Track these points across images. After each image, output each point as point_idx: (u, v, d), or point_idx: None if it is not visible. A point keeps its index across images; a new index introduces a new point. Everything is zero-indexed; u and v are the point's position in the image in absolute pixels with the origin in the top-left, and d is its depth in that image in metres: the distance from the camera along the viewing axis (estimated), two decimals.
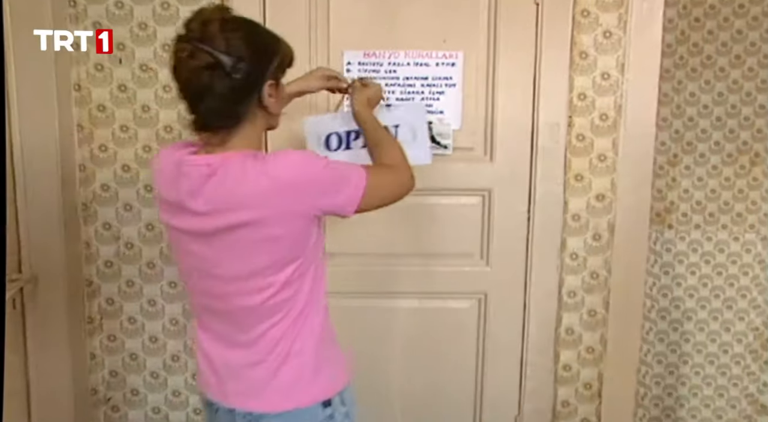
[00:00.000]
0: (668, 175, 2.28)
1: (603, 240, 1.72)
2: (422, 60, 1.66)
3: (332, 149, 1.37)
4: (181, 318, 1.78)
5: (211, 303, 1.02)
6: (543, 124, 1.66)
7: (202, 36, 0.88)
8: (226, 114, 0.92)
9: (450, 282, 1.76)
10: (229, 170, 0.91)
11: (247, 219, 0.91)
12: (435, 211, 1.72)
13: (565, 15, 1.62)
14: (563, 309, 1.75)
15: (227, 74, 0.88)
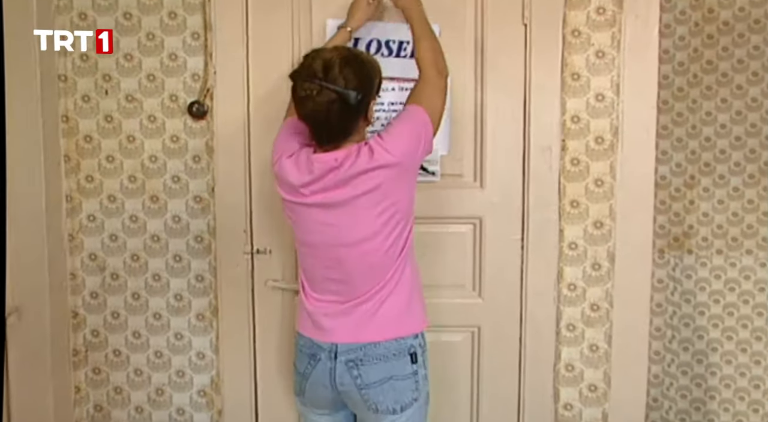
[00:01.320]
0: (685, 198, 2.17)
1: (603, 270, 1.62)
2: (407, 85, 1.61)
3: (371, 53, 1.49)
4: (165, 351, 1.74)
5: (334, 269, 1.26)
6: (535, 148, 1.59)
7: (326, 76, 1.14)
8: (344, 132, 1.20)
9: (441, 315, 1.66)
10: (350, 156, 1.19)
11: (368, 188, 1.18)
12: (424, 240, 1.63)
13: (554, 35, 1.56)
14: (562, 343, 1.65)
15: (347, 104, 1.15)
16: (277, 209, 1.63)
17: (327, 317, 1.28)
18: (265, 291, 1.67)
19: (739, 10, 1.97)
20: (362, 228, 1.22)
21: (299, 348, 1.34)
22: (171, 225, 1.70)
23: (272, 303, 1.68)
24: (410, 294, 1.29)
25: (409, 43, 1.54)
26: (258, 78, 1.63)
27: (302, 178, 1.23)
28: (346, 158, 1.18)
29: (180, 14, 1.63)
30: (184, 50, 1.64)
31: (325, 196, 1.21)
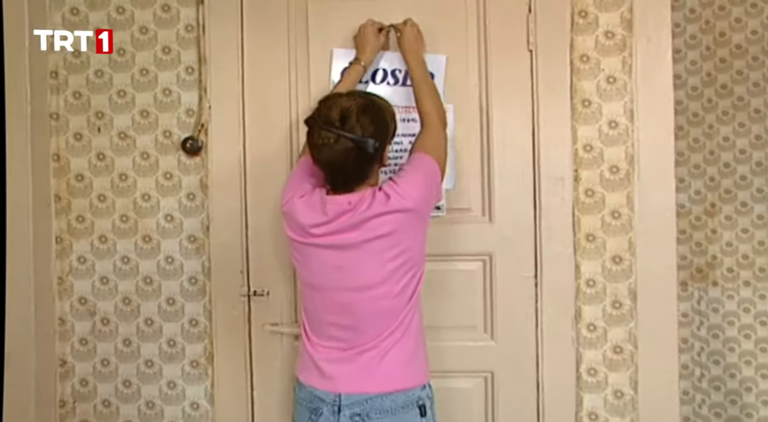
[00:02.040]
0: (707, 227, 2.09)
1: (624, 309, 1.50)
2: (410, 115, 1.54)
3: (377, 83, 1.52)
4: (158, 401, 1.64)
5: (340, 314, 1.20)
6: (546, 179, 1.50)
7: (343, 125, 1.12)
8: (360, 178, 1.19)
9: (451, 359, 1.56)
10: (365, 199, 1.16)
11: (382, 232, 1.15)
12: (431, 279, 1.53)
13: (561, 61, 1.49)
14: (583, 389, 1.52)
15: (364, 152, 1.14)
16: (274, 248, 1.55)
17: (330, 363, 1.20)
18: (263, 335, 1.57)
19: (751, 33, 1.92)
20: (372, 272, 1.17)
21: (299, 401, 1.24)
22: (164, 267, 1.62)
23: (271, 348, 1.58)
24: (416, 342, 1.22)
25: None
26: (254, 112, 1.57)
27: (314, 219, 1.19)
28: (360, 201, 1.16)
29: (174, 49, 1.59)
30: (179, 85, 1.59)
31: (337, 237, 1.18)
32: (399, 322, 1.18)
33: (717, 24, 1.96)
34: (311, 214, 1.20)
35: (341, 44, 1.53)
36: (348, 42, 1.53)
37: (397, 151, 1.55)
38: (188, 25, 1.59)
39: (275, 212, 1.54)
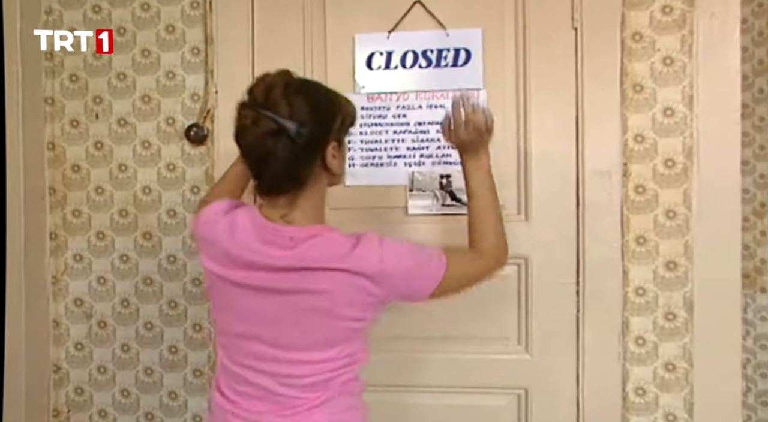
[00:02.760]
0: (755, 228, 1.94)
1: (679, 321, 1.33)
2: (438, 101, 1.39)
3: (407, 67, 1.38)
4: (158, 413, 1.50)
5: (256, 365, 0.93)
6: (591, 174, 1.33)
7: (266, 102, 0.88)
8: (290, 178, 0.91)
9: (480, 373, 1.40)
10: (315, 242, 0.89)
11: (317, 288, 0.88)
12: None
13: (611, 40, 1.32)
14: (630, 410, 1.35)
15: (291, 139, 0.87)
16: None
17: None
18: None
19: None
20: (308, 332, 0.91)
21: None
22: (166, 266, 1.48)
23: None
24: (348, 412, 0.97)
25: (449, 51, 1.37)
26: None
27: (239, 246, 0.92)
28: (311, 236, 0.89)
29: (178, 27, 1.45)
30: (183, 67, 1.45)
31: (268, 277, 0.90)
32: (332, 392, 0.94)
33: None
34: (236, 239, 0.92)
35: (364, 29, 1.39)
36: (372, 25, 1.38)
37: (423, 140, 1.40)
38: (194, 1, 1.45)
39: None
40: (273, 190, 0.92)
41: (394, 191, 1.40)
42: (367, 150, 1.42)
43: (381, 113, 1.41)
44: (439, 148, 1.40)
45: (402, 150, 1.41)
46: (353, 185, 1.41)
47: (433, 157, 1.40)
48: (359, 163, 1.42)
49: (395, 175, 1.40)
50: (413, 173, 1.40)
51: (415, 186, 1.40)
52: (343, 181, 1.04)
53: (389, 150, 1.41)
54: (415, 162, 1.41)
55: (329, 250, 0.88)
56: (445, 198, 1.39)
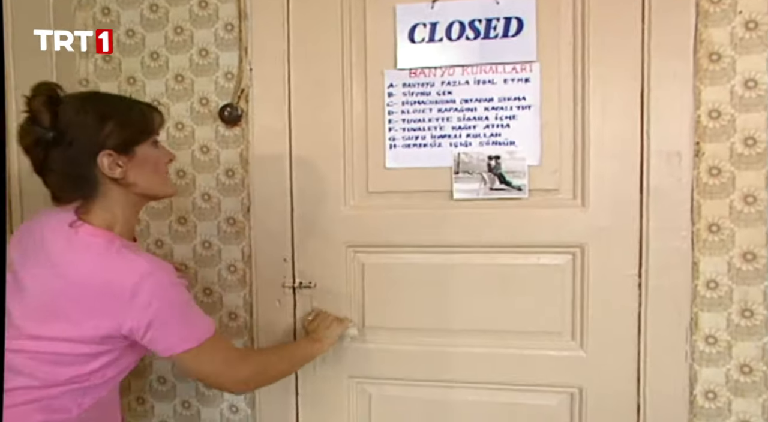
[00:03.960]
0: None
1: (757, 319, 1.19)
2: (485, 76, 1.28)
3: (453, 39, 1.29)
4: (194, 402, 1.48)
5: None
6: (656, 155, 1.20)
7: (27, 110, 0.91)
8: (70, 186, 0.94)
9: (529, 370, 1.31)
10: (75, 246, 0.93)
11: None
12: (506, 274, 1.30)
13: (684, 2, 1.17)
14: (698, 416, 1.23)
15: (55, 147, 0.90)
16: (323, 234, 1.34)
17: None
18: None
19: None
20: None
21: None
22: (201, 252, 1.44)
23: None
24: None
25: (499, 20, 1.26)
26: (301, 75, 1.35)
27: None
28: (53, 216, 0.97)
29: (211, 2, 1.39)
30: (216, 44, 1.39)
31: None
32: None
33: None
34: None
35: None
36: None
37: (470, 119, 1.30)
38: None
39: (325, 191, 1.34)
40: (59, 198, 0.96)
41: (438, 174, 1.30)
42: (409, 130, 1.33)
43: (424, 90, 1.31)
44: (487, 127, 1.29)
45: (447, 129, 1.31)
46: (394, 167, 1.33)
47: (480, 136, 1.30)
48: (401, 144, 1.33)
49: (440, 157, 1.31)
50: (459, 154, 1.30)
51: (461, 168, 1.30)
52: (169, 192, 1.05)
53: (433, 129, 1.31)
54: (461, 142, 1.31)
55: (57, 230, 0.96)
56: (493, 181, 1.29)
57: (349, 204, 1.34)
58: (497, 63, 1.27)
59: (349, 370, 1.39)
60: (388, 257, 1.34)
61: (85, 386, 0.94)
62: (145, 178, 0.97)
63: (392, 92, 1.32)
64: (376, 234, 1.33)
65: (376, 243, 1.34)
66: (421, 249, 1.33)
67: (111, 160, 0.92)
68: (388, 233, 1.33)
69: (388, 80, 1.32)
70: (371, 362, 1.37)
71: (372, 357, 1.36)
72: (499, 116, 1.28)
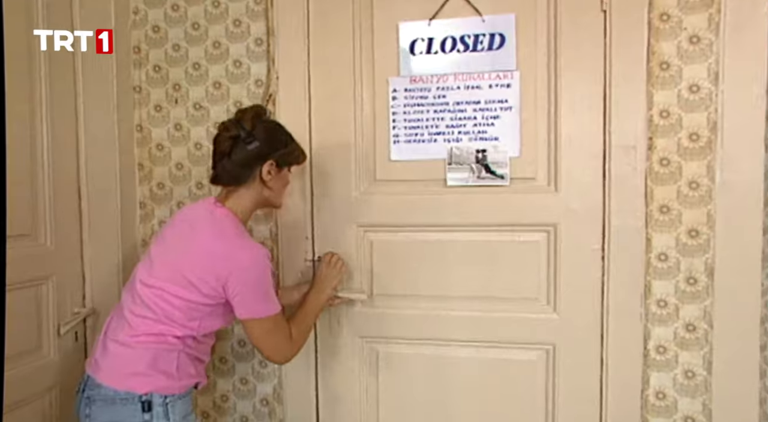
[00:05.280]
0: None
1: (700, 285, 1.42)
2: (473, 82, 1.52)
3: (447, 52, 1.53)
4: (230, 358, 1.75)
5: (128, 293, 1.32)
6: (616, 148, 1.43)
7: (237, 117, 1.30)
8: (235, 171, 1.28)
9: (511, 330, 1.55)
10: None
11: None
12: (492, 249, 1.54)
13: (638, 21, 1.40)
14: (651, 367, 1.46)
15: (243, 143, 1.26)
16: (338, 215, 1.59)
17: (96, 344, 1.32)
18: None
19: None
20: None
21: None
22: None
23: (335, 311, 1.63)
24: (154, 360, 1.23)
25: (485, 36, 1.49)
26: (319, 81, 1.60)
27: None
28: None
29: (244, 21, 1.64)
30: (248, 57, 1.65)
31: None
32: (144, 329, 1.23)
33: None
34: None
35: (408, 17, 1.53)
36: (415, 14, 1.52)
37: (461, 118, 1.53)
38: None
39: (340, 179, 1.58)
40: (217, 180, 1.30)
41: (434, 165, 1.54)
42: (410, 128, 1.56)
43: (422, 94, 1.55)
44: (475, 125, 1.53)
45: (441, 127, 1.55)
46: (399, 160, 1.56)
47: (469, 133, 1.53)
48: (403, 140, 1.57)
49: (435, 150, 1.54)
50: (452, 148, 1.54)
51: (453, 160, 1.54)
52: (279, 204, 1.40)
53: (430, 128, 1.55)
54: (453, 138, 1.54)
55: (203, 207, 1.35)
56: (480, 171, 1.52)
57: (359, 190, 1.59)
58: (483, 72, 1.51)
59: (360, 331, 1.64)
60: (392, 235, 1.59)
61: (189, 331, 1.24)
62: (277, 188, 1.34)
63: (395, 96, 1.56)
64: (383, 216, 1.58)
65: (383, 224, 1.59)
66: (420, 229, 1.57)
67: (270, 167, 1.29)
68: (394, 215, 1.57)
69: (392, 86, 1.56)
70: (378, 324, 1.62)
71: (379, 320, 1.61)
72: (485, 116, 1.52)
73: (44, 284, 1.51)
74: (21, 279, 1.43)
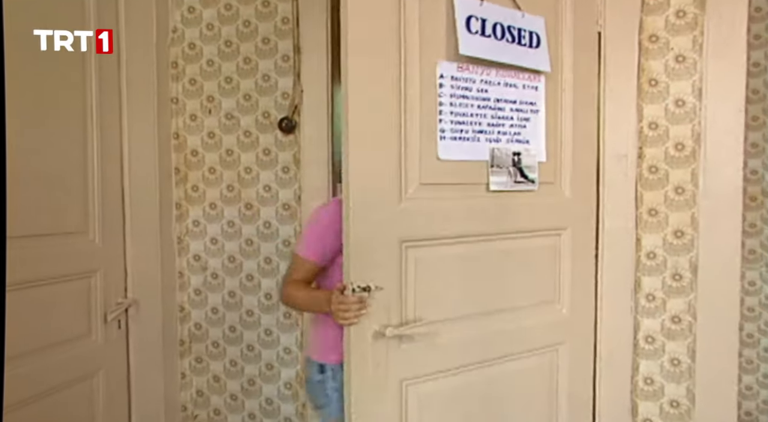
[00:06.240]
0: (763, 207, 1.98)
1: (684, 281, 1.56)
2: (511, 80, 1.41)
3: (498, 38, 1.36)
4: (257, 345, 1.91)
5: None
6: (609, 157, 1.57)
7: None
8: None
9: (537, 335, 1.51)
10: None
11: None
12: (527, 255, 1.49)
13: (629, 41, 1.55)
14: (640, 355, 1.60)
15: None
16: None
17: None
18: None
19: None
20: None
21: None
22: (263, 231, 1.87)
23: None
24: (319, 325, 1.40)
25: (526, 31, 1.40)
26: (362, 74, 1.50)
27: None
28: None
29: (272, 39, 1.81)
30: (276, 71, 1.82)
31: None
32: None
33: None
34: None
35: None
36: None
37: (500, 117, 1.42)
38: (284, 18, 1.80)
39: (377, 186, 1.46)
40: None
41: (478, 167, 1.37)
42: (456, 123, 1.34)
43: (467, 85, 1.36)
44: (511, 126, 1.42)
45: (484, 125, 1.38)
46: (446, 159, 1.33)
47: (507, 134, 1.41)
48: (449, 136, 1.33)
49: (479, 151, 1.37)
50: (493, 149, 1.38)
51: (495, 162, 1.39)
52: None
53: (474, 124, 1.37)
54: (494, 138, 1.40)
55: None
56: (516, 175, 1.42)
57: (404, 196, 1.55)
58: (521, 68, 1.39)
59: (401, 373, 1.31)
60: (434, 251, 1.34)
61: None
62: None
63: (443, 82, 1.31)
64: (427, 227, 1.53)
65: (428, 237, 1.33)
66: (463, 240, 1.37)
67: None
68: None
69: (439, 71, 1.30)
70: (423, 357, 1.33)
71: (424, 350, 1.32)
72: (520, 117, 1.42)
73: (93, 276, 1.68)
74: (75, 271, 1.60)
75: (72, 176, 1.59)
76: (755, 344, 2.03)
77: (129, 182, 1.78)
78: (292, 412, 1.90)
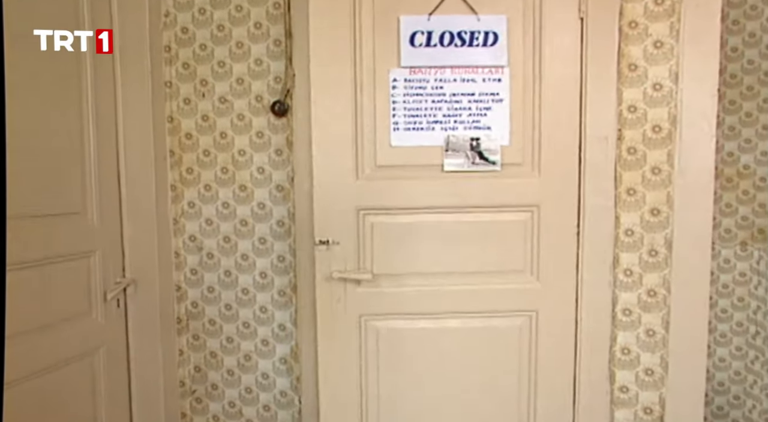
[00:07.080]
0: (738, 188, 2.02)
1: (660, 257, 1.65)
2: (469, 76, 1.66)
3: (445, 45, 1.62)
4: (252, 322, 1.98)
5: None
6: (591, 139, 1.64)
7: None
8: None
9: (503, 299, 1.72)
10: None
11: None
12: (484, 228, 1.71)
13: (610, 28, 1.61)
14: (618, 327, 1.70)
15: None
16: (339, 200, 1.81)
17: None
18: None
19: None
20: None
21: None
22: (257, 212, 1.92)
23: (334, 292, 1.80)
24: None
25: (480, 33, 1.63)
26: (321, 79, 1.66)
27: None
28: None
29: (264, 24, 1.85)
30: (268, 56, 1.85)
31: None
32: None
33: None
34: None
35: (400, 6, 1.63)
36: (416, 8, 1.64)
37: (457, 108, 1.68)
38: (276, 3, 1.83)
39: (337, 166, 1.68)
40: None
41: (432, 151, 1.67)
42: (409, 116, 1.66)
43: (422, 85, 1.65)
44: (470, 115, 1.66)
45: (439, 117, 1.66)
46: (399, 146, 1.67)
47: (465, 122, 1.66)
48: (403, 128, 1.67)
49: (433, 138, 1.66)
50: (448, 136, 1.68)
51: (450, 147, 1.67)
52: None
53: (428, 117, 1.66)
54: (450, 127, 1.66)
55: None
56: (474, 157, 1.67)
57: (361, 175, 1.79)
58: (477, 66, 1.66)
59: (360, 310, 1.73)
60: (392, 218, 1.72)
61: None
62: None
63: (395, 85, 1.65)
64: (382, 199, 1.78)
65: (384, 207, 1.73)
66: (417, 211, 1.69)
67: None
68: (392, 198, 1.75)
69: (392, 76, 1.65)
70: (379, 302, 1.72)
71: (379, 298, 1.71)
72: (479, 107, 1.66)
73: (92, 256, 1.73)
74: (74, 251, 1.65)
75: (70, 159, 1.63)
76: (729, 319, 2.13)
77: (125, 164, 1.82)
78: (287, 386, 1.97)
